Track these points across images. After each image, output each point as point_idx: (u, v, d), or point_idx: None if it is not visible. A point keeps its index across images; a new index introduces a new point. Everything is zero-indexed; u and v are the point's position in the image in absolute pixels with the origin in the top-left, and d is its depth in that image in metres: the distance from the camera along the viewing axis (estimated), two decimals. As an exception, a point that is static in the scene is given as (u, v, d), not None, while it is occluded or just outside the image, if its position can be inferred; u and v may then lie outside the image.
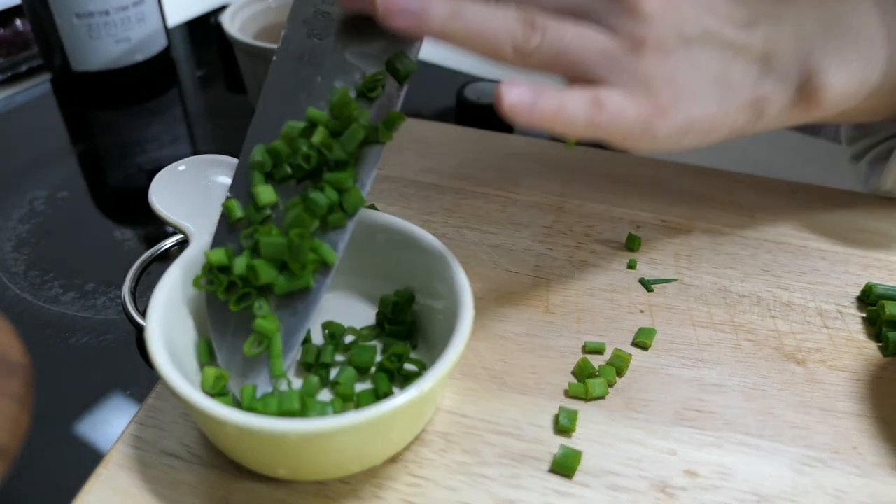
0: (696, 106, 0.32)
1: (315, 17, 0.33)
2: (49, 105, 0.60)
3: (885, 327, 0.36)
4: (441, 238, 0.34)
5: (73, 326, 0.40)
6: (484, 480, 0.30)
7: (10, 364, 0.25)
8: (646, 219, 0.44)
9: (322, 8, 0.33)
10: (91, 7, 0.56)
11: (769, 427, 0.32)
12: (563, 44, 0.30)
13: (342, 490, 0.30)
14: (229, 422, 0.26)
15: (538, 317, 0.38)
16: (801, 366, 0.35)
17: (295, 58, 0.33)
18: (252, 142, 0.33)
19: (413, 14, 0.29)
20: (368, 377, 0.33)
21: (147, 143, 0.56)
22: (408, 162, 0.49)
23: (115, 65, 0.60)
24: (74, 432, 0.34)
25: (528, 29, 0.30)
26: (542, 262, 0.41)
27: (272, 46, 0.52)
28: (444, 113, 0.57)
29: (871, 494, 0.30)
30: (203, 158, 0.37)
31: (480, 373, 0.35)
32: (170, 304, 0.30)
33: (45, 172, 0.52)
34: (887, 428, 0.32)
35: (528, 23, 0.30)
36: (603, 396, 0.33)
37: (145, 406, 0.33)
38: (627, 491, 0.30)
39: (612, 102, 0.30)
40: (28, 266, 0.44)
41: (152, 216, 0.34)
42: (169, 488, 0.29)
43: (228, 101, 0.62)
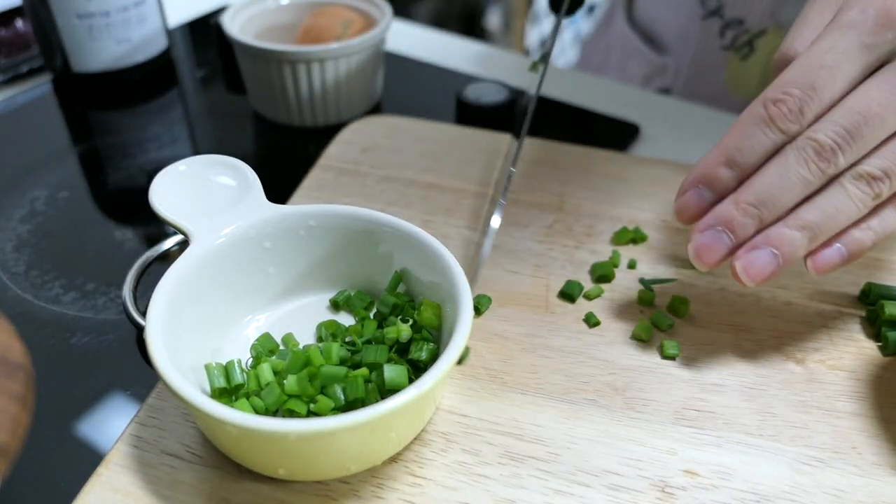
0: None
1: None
2: (49, 105, 0.60)
3: (884, 327, 0.36)
4: (441, 238, 0.34)
5: (73, 326, 0.40)
6: (484, 480, 0.30)
7: (10, 364, 0.25)
8: (646, 219, 0.44)
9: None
10: (92, 8, 0.56)
11: (769, 427, 0.32)
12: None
13: (342, 490, 0.30)
14: (229, 422, 0.26)
15: (538, 317, 0.38)
16: (800, 365, 0.35)
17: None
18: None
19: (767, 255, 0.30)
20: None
21: (147, 143, 0.56)
22: (408, 162, 0.49)
23: (116, 65, 0.60)
24: (74, 432, 0.34)
25: (868, 196, 0.30)
26: (542, 262, 0.41)
27: (272, 47, 0.52)
28: (444, 113, 0.57)
29: (870, 494, 0.30)
30: (203, 158, 0.37)
31: (480, 373, 0.35)
32: (170, 304, 0.30)
33: (46, 173, 0.52)
34: (887, 427, 0.32)
35: (867, 192, 0.30)
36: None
37: (145, 406, 0.33)
38: (627, 490, 0.30)
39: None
40: (28, 266, 0.44)
41: (153, 216, 0.34)
42: (169, 488, 0.30)
43: (229, 101, 0.62)
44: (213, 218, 0.34)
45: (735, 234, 0.31)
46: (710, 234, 0.31)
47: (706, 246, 0.31)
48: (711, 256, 0.31)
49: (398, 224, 0.35)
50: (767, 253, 0.30)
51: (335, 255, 0.36)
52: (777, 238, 0.30)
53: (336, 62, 0.53)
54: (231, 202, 0.35)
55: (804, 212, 0.30)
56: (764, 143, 0.30)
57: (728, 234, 0.31)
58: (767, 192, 0.30)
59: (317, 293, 0.37)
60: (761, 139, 0.30)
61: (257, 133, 0.58)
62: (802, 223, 0.30)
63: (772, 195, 0.30)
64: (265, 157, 0.56)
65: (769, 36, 0.60)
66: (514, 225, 0.44)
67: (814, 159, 0.29)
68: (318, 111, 0.56)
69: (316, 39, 0.55)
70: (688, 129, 0.57)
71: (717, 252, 0.31)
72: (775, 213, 0.30)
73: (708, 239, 0.31)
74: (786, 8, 0.58)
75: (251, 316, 0.36)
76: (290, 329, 0.35)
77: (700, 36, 0.64)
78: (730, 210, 0.31)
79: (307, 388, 0.30)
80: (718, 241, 0.31)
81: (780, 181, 0.30)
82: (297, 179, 0.47)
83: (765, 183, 0.30)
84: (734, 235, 0.31)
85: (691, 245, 0.31)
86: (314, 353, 0.32)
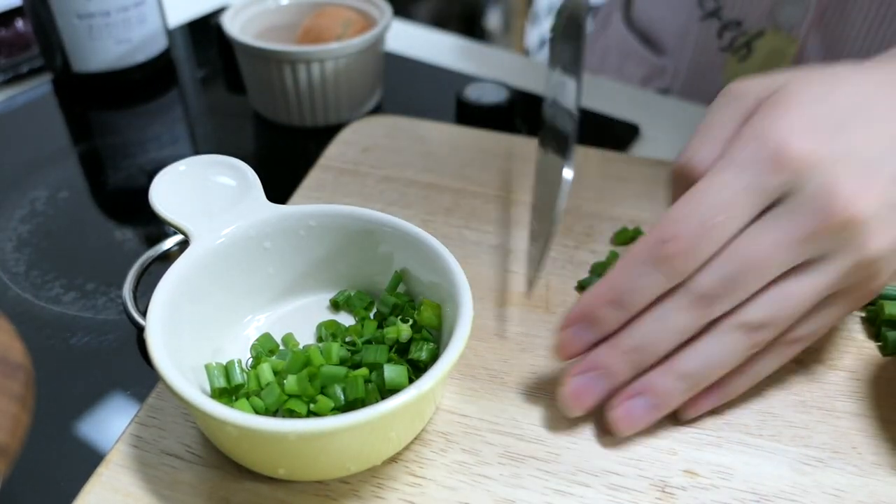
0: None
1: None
2: (50, 105, 0.60)
3: (884, 327, 0.36)
4: (441, 238, 0.34)
5: (73, 326, 0.40)
6: (484, 480, 0.30)
7: (10, 364, 0.25)
8: (646, 219, 0.44)
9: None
10: (92, 8, 0.56)
11: (769, 426, 0.32)
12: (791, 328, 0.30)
13: (342, 490, 0.30)
14: (229, 422, 0.26)
15: (538, 317, 0.38)
16: (800, 365, 0.35)
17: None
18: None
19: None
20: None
21: (147, 143, 0.56)
22: (408, 162, 0.49)
23: (116, 65, 0.60)
24: (74, 432, 0.34)
25: (747, 346, 0.30)
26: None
27: (272, 47, 0.52)
28: (444, 113, 0.57)
29: (870, 494, 0.30)
30: (203, 159, 0.37)
31: (480, 373, 0.35)
32: (170, 304, 0.30)
33: (46, 173, 0.52)
34: (887, 427, 0.32)
35: (750, 334, 0.30)
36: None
37: (146, 406, 0.33)
38: (627, 490, 0.30)
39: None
40: (29, 266, 0.44)
41: (153, 216, 0.34)
42: (169, 488, 0.30)
43: (229, 101, 0.62)
44: (213, 218, 0.34)
45: (612, 379, 0.31)
46: (585, 378, 0.31)
47: (581, 390, 0.31)
48: (586, 401, 0.31)
49: (398, 224, 0.35)
50: (644, 402, 0.30)
51: (335, 255, 0.36)
52: (655, 387, 0.30)
53: (336, 62, 0.53)
54: (231, 202, 0.35)
55: (684, 360, 0.30)
56: (652, 285, 0.29)
57: (604, 378, 0.31)
58: (646, 339, 0.30)
59: (317, 293, 0.37)
60: (649, 281, 0.29)
61: (257, 133, 0.58)
62: (682, 372, 0.30)
63: (651, 342, 0.30)
64: (265, 157, 0.56)
65: (767, 37, 0.60)
66: (514, 225, 0.44)
67: (694, 307, 0.29)
68: (318, 111, 0.56)
69: (316, 39, 0.55)
70: (687, 130, 0.57)
71: (592, 397, 0.31)
72: (653, 358, 0.30)
73: (583, 383, 0.31)
74: (784, 9, 0.58)
75: (251, 316, 0.36)
76: (290, 329, 0.35)
77: (698, 37, 0.64)
78: (609, 355, 0.30)
79: (307, 388, 0.30)
80: (594, 385, 0.31)
81: (660, 328, 0.30)
82: (297, 179, 0.47)
83: (644, 329, 0.30)
84: (610, 381, 0.31)
85: (565, 388, 0.31)
86: (314, 353, 0.32)
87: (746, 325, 0.29)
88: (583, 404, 0.31)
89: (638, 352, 0.30)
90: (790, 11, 0.58)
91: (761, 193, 0.28)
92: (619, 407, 0.31)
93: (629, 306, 0.30)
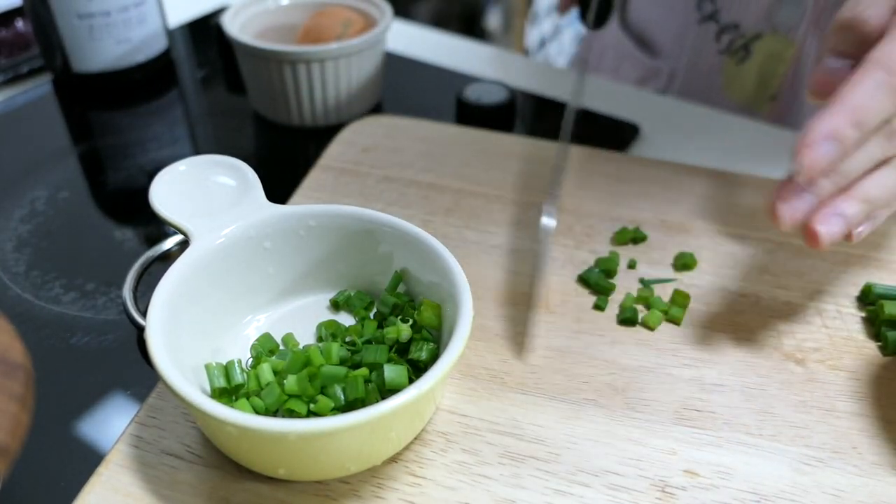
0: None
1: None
2: (50, 106, 0.60)
3: (884, 327, 0.36)
4: (441, 238, 0.34)
5: (73, 326, 0.40)
6: (484, 480, 0.30)
7: (10, 364, 0.25)
8: (646, 219, 0.44)
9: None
10: (92, 8, 0.56)
11: (769, 426, 0.32)
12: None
13: (342, 490, 0.30)
14: (229, 422, 0.26)
15: (538, 317, 0.38)
16: (800, 365, 0.35)
17: None
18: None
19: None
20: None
21: (148, 143, 0.56)
22: (408, 162, 0.49)
23: (116, 66, 0.60)
24: (75, 432, 0.34)
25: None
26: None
27: (272, 47, 0.52)
28: (444, 113, 0.57)
29: (870, 494, 0.30)
30: (203, 159, 0.37)
31: (480, 373, 0.35)
32: (170, 304, 0.30)
33: (46, 173, 0.52)
34: (887, 427, 0.32)
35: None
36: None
37: (146, 406, 0.33)
38: (627, 490, 0.30)
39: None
40: (29, 266, 0.44)
41: (153, 216, 0.34)
42: (169, 488, 0.30)
43: (229, 101, 0.62)
44: (213, 218, 0.34)
45: (819, 197, 0.32)
46: (801, 196, 0.32)
47: (796, 207, 0.32)
48: (796, 216, 0.32)
49: (398, 224, 0.35)
50: (839, 221, 0.32)
51: (335, 255, 0.36)
52: (847, 209, 0.32)
53: (336, 62, 0.53)
54: (231, 202, 0.35)
55: (869, 187, 0.33)
56: (887, 109, 0.31)
57: (813, 198, 0.32)
58: (852, 167, 0.32)
59: (317, 293, 0.37)
60: (885, 105, 0.31)
61: (257, 133, 0.58)
62: (868, 197, 0.33)
63: (854, 169, 0.32)
64: (265, 157, 0.56)
65: (765, 40, 0.60)
66: (514, 225, 0.44)
67: (890, 139, 0.32)
68: (318, 111, 0.56)
69: (316, 40, 0.55)
70: (687, 130, 0.57)
71: (801, 213, 0.32)
72: (847, 182, 0.33)
73: (799, 200, 0.32)
74: (781, 11, 0.58)
75: (251, 316, 0.36)
76: (290, 329, 0.35)
77: (695, 40, 0.64)
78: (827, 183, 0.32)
79: (307, 388, 0.30)
80: (806, 203, 0.32)
81: (866, 158, 0.32)
82: (297, 179, 0.47)
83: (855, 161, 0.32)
84: (818, 198, 0.32)
85: (780, 204, 0.32)
86: (314, 353, 0.32)
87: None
88: (794, 217, 0.32)
89: (843, 176, 0.32)
90: (787, 14, 0.58)
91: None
92: (824, 223, 0.32)
93: (868, 128, 0.31)
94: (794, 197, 0.32)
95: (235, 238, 0.34)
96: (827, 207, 0.32)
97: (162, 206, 0.34)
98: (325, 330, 0.35)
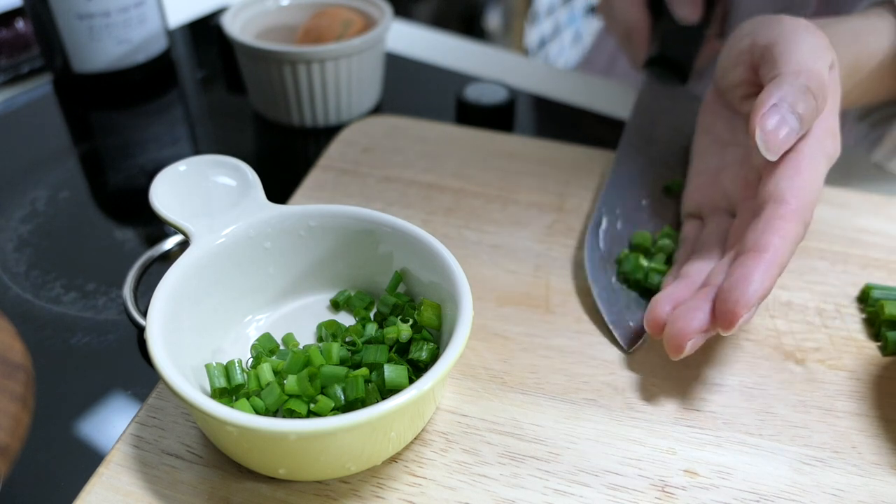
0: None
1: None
2: (50, 106, 0.60)
3: (884, 327, 0.36)
4: (441, 238, 0.34)
5: (74, 326, 0.40)
6: (484, 480, 0.30)
7: (10, 364, 0.25)
8: (646, 219, 0.44)
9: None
10: (92, 8, 0.56)
11: (769, 426, 0.32)
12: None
13: (342, 490, 0.30)
14: (230, 422, 0.26)
15: (538, 317, 0.38)
16: (800, 365, 0.35)
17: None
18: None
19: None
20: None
21: (148, 143, 0.56)
22: (408, 162, 0.49)
23: (116, 66, 0.60)
24: (75, 432, 0.34)
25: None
26: (542, 262, 0.41)
27: (273, 47, 0.52)
28: (444, 113, 0.57)
29: (870, 494, 0.30)
30: (203, 159, 0.37)
31: (480, 373, 0.35)
32: (171, 304, 0.30)
33: (47, 173, 0.52)
34: (887, 427, 0.32)
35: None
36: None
37: (146, 406, 0.33)
38: (627, 490, 0.30)
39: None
40: (29, 266, 0.44)
41: (153, 216, 0.34)
42: (170, 488, 0.30)
43: (229, 102, 0.62)
44: (213, 218, 0.34)
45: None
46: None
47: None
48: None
49: (398, 224, 0.35)
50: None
51: (335, 255, 0.36)
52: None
53: (336, 62, 0.53)
54: (231, 202, 0.35)
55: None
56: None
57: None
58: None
59: (317, 293, 0.37)
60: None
61: (257, 133, 0.58)
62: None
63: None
64: (265, 157, 0.56)
65: None
66: (515, 225, 0.44)
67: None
68: (318, 111, 0.56)
69: (316, 40, 0.55)
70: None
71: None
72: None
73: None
74: None
75: (251, 316, 0.36)
76: (290, 329, 0.35)
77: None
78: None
79: (307, 388, 0.30)
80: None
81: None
82: (297, 179, 0.47)
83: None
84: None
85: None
86: (314, 353, 0.32)
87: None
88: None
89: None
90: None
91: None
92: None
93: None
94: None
95: (235, 238, 0.34)
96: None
97: (162, 206, 0.34)
98: (325, 330, 0.35)
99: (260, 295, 0.36)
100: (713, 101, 0.42)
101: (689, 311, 0.32)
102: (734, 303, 0.30)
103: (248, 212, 0.35)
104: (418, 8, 1.83)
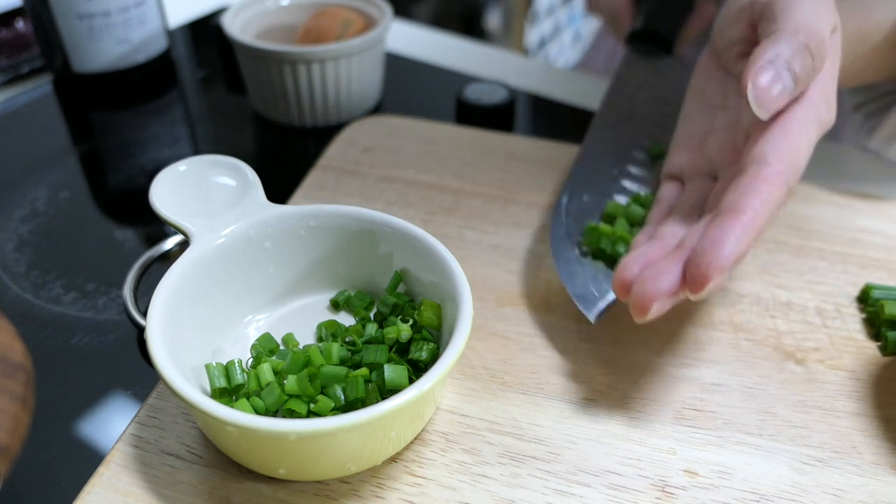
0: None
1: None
2: (50, 106, 0.60)
3: (884, 327, 0.36)
4: (441, 238, 0.34)
5: (74, 326, 0.40)
6: (484, 480, 0.30)
7: (10, 364, 0.25)
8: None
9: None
10: (92, 8, 0.56)
11: (769, 426, 0.32)
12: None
13: (342, 490, 0.30)
14: (230, 422, 0.26)
15: (538, 317, 0.38)
16: (800, 365, 0.35)
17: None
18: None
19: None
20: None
21: (148, 143, 0.56)
22: (408, 162, 0.49)
23: (116, 66, 0.60)
24: (75, 432, 0.34)
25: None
26: (542, 262, 0.41)
27: (273, 47, 0.52)
28: (444, 113, 0.57)
29: (870, 494, 0.30)
30: (203, 159, 0.37)
31: (480, 373, 0.35)
32: (171, 304, 0.30)
33: (46, 173, 0.52)
34: (887, 427, 0.32)
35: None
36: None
37: (146, 406, 0.33)
38: (627, 490, 0.30)
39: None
40: (29, 266, 0.44)
41: (153, 216, 0.34)
42: (170, 488, 0.30)
43: (229, 102, 0.62)
44: (213, 218, 0.34)
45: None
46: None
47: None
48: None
49: (398, 224, 0.35)
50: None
51: (335, 255, 0.36)
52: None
53: (336, 62, 0.53)
54: (231, 202, 0.35)
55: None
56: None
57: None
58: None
59: (317, 293, 0.37)
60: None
61: (257, 133, 0.58)
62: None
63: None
64: (265, 157, 0.56)
65: None
66: (514, 225, 0.44)
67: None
68: (318, 111, 0.56)
69: (316, 40, 0.55)
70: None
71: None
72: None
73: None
74: None
75: (251, 316, 0.36)
76: (290, 329, 0.35)
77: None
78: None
79: (307, 388, 0.30)
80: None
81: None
82: (297, 179, 0.47)
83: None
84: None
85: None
86: (314, 353, 0.32)
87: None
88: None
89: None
90: None
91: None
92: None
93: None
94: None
95: (235, 238, 0.34)
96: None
97: (162, 206, 0.34)
98: (325, 330, 0.35)
99: (260, 295, 0.36)
100: (707, 63, 0.40)
101: (658, 273, 0.30)
102: (706, 265, 0.29)
103: (248, 212, 0.35)
104: (418, 8, 1.83)
